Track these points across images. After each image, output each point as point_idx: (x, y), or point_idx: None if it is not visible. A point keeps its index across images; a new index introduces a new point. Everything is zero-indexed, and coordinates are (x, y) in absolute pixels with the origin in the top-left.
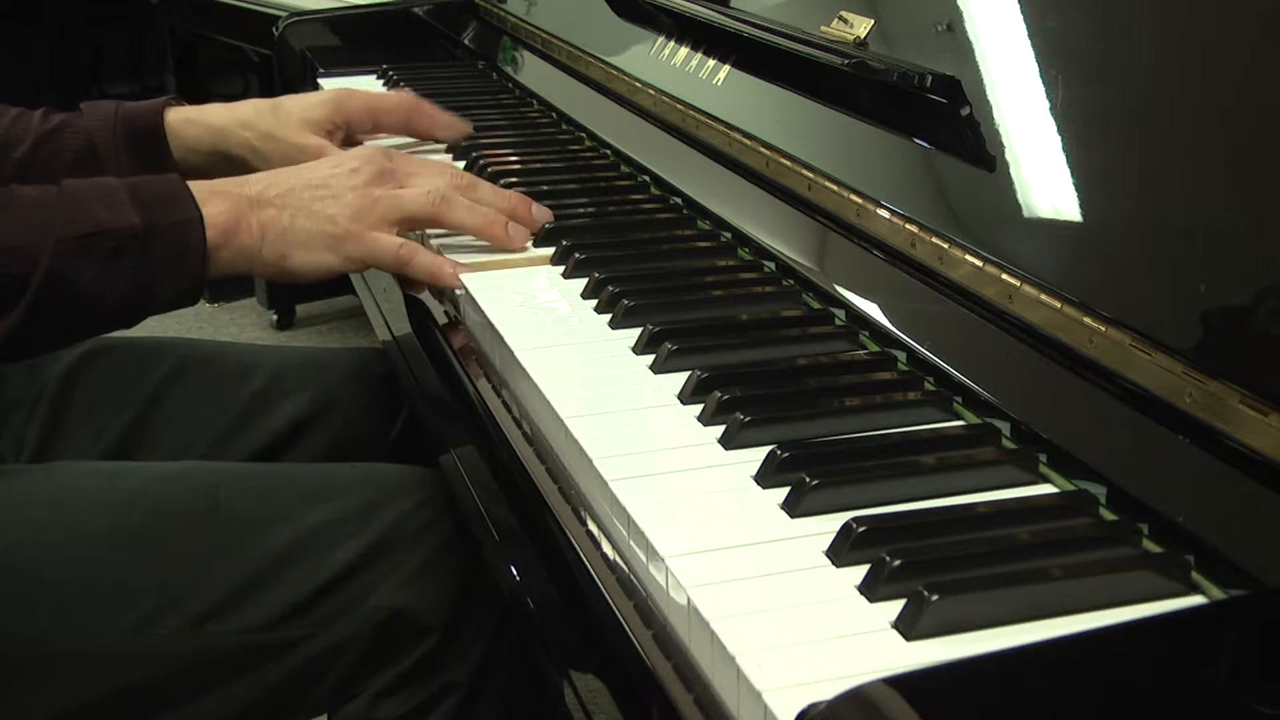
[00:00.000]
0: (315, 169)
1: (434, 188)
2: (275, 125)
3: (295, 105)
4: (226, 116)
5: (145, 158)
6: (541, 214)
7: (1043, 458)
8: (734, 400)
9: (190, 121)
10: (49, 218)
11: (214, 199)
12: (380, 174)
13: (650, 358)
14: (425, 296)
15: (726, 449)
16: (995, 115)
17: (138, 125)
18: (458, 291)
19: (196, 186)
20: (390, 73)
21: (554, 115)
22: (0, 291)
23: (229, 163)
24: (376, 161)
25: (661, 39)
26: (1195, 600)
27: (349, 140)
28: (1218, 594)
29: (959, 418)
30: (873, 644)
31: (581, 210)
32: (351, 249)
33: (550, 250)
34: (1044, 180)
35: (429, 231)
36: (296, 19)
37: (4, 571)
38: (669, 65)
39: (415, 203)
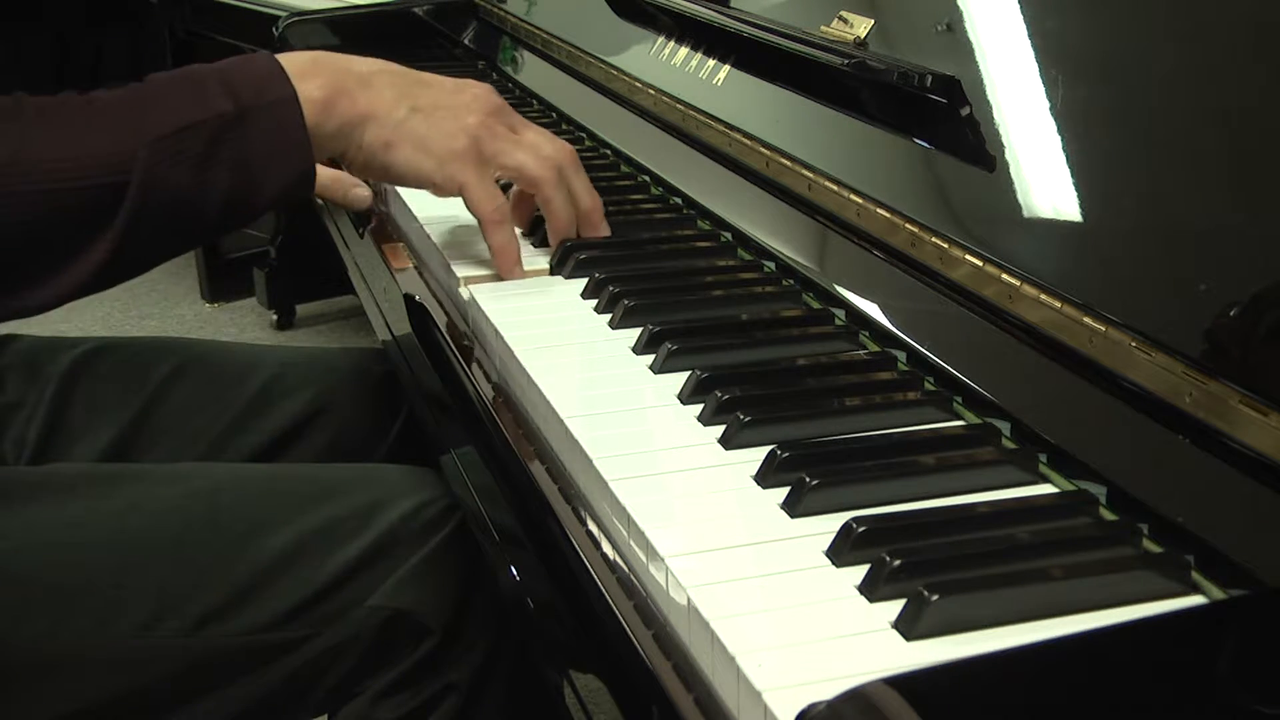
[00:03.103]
0: (438, 81)
1: (550, 155)
2: None
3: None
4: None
5: None
6: (605, 231)
7: (1043, 458)
8: (734, 400)
9: None
10: (135, 119)
11: (312, 71)
12: (499, 110)
13: (650, 358)
14: (426, 297)
15: (726, 449)
16: (995, 115)
17: None
18: (448, 277)
19: (291, 60)
20: None
21: (554, 115)
22: (97, 204)
23: None
24: (493, 97)
25: (661, 39)
26: (1195, 600)
27: None
28: (1218, 594)
29: (959, 418)
30: (873, 644)
31: None
32: (456, 171)
33: (550, 251)
34: (1044, 180)
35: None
36: (296, 19)
37: (4, 575)
38: (669, 65)
39: (529, 161)
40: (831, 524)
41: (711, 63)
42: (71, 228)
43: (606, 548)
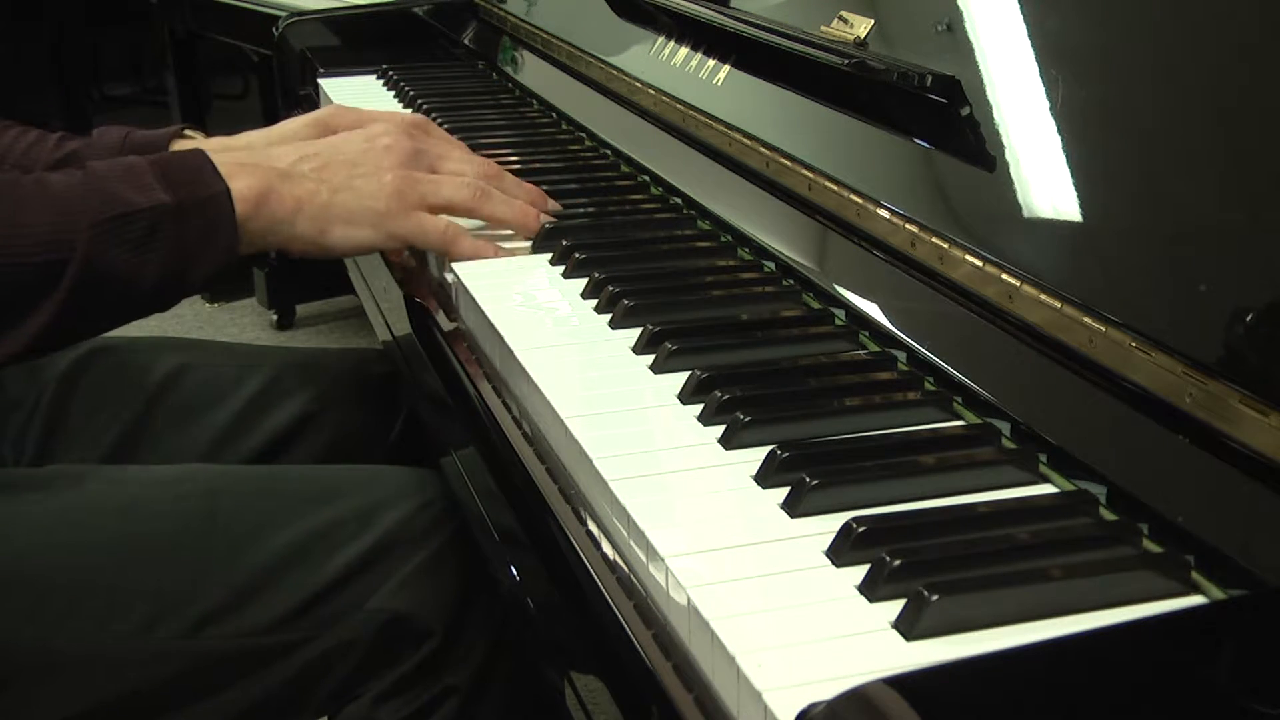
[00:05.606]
0: (347, 144)
1: (469, 177)
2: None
3: (287, 126)
4: (226, 144)
5: None
6: (554, 207)
7: (1043, 458)
8: (734, 400)
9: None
10: (81, 203)
11: (240, 173)
12: (415, 154)
13: (650, 358)
14: (425, 298)
15: (726, 449)
16: (995, 115)
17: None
18: (449, 277)
19: (221, 160)
20: (390, 73)
21: (554, 115)
22: (37, 280)
23: None
24: (408, 140)
25: (661, 39)
26: (1195, 600)
27: None
28: (1218, 594)
29: (959, 418)
30: (873, 644)
31: (581, 210)
32: (394, 227)
33: (550, 250)
34: (1044, 180)
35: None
36: (296, 19)
37: (3, 577)
38: (669, 65)
39: (456, 193)
40: (831, 524)
41: (711, 63)
42: (15, 297)
43: (606, 548)
